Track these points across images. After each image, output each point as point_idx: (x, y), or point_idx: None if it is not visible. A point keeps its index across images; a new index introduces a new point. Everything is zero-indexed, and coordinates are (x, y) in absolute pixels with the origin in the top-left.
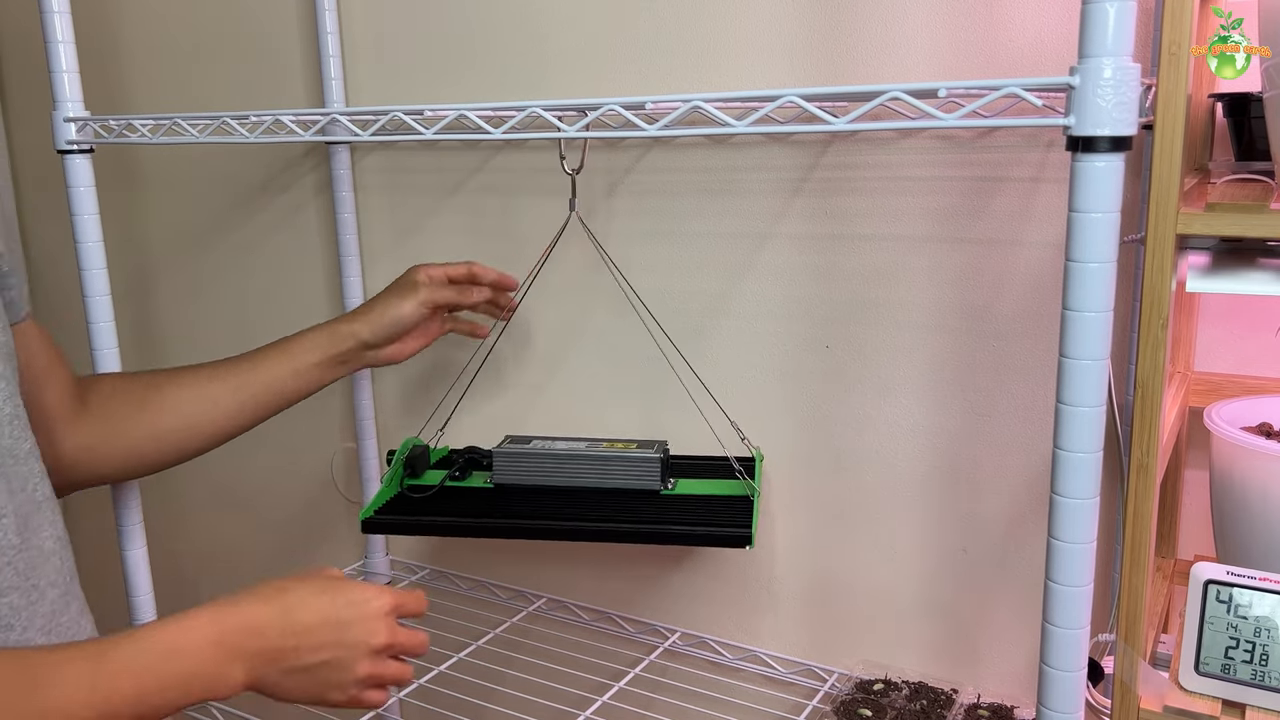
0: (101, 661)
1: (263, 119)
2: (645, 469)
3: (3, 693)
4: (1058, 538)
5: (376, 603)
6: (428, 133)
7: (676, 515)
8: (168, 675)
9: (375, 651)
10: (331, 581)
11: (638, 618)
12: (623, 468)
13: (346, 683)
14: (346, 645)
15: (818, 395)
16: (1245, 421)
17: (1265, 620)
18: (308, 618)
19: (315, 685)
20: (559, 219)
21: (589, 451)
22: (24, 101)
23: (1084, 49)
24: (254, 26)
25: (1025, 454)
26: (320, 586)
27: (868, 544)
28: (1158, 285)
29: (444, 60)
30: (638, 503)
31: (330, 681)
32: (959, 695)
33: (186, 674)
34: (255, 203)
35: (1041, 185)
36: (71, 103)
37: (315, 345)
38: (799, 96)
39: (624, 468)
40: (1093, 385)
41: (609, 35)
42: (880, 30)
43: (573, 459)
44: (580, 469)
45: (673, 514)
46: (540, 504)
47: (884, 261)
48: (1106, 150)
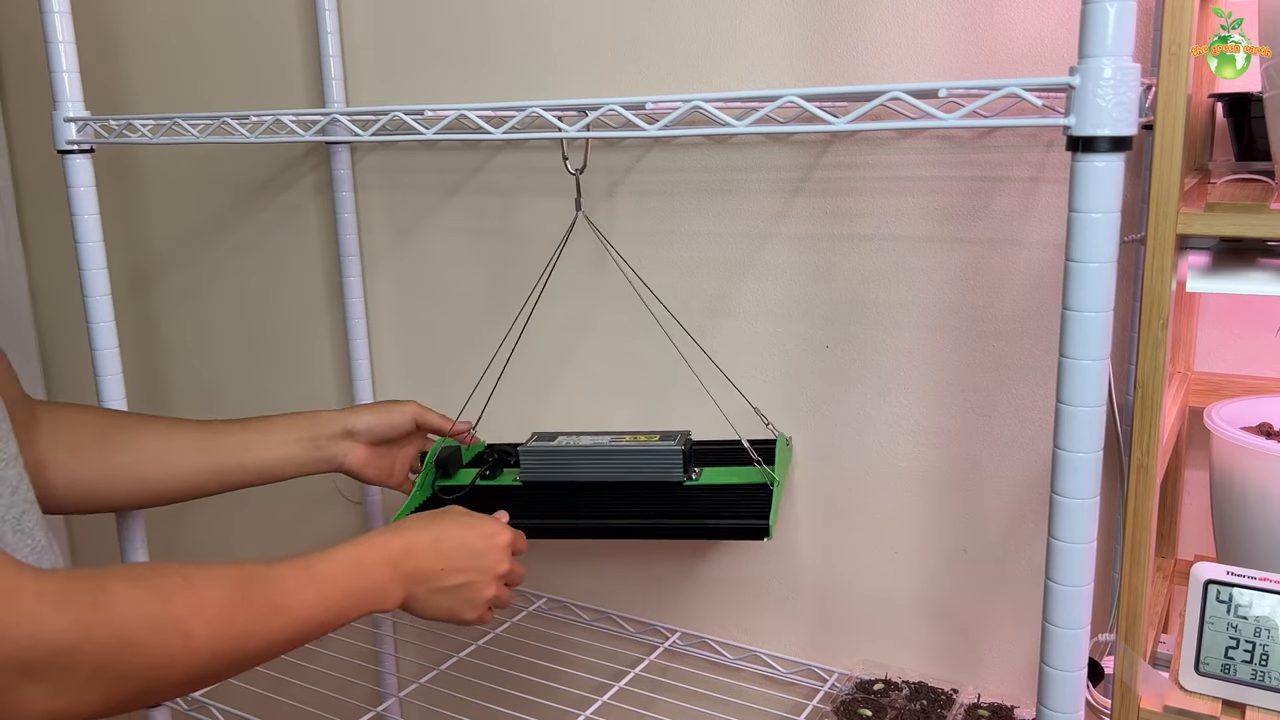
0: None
1: (263, 119)
2: (667, 461)
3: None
4: (1058, 538)
5: (501, 537)
6: (428, 133)
7: (696, 509)
8: (352, 587)
9: (499, 577)
10: (467, 515)
11: (638, 617)
12: (646, 461)
13: (478, 601)
14: (480, 570)
15: (818, 395)
16: (1245, 421)
17: (1265, 620)
18: (452, 544)
19: (454, 604)
20: (559, 219)
21: (612, 446)
22: (24, 101)
23: (1084, 49)
24: (254, 26)
25: (1025, 454)
26: (459, 520)
27: (868, 544)
28: (1158, 285)
29: (444, 60)
30: (660, 497)
31: (466, 600)
32: (959, 695)
33: (363, 588)
34: (255, 203)
35: (1042, 185)
36: (71, 103)
37: (295, 424)
38: (799, 96)
39: (647, 461)
40: (1093, 385)
41: (609, 35)
42: (880, 30)
43: (597, 454)
44: (605, 464)
45: (692, 508)
46: (566, 502)
47: (884, 261)
48: (1106, 150)
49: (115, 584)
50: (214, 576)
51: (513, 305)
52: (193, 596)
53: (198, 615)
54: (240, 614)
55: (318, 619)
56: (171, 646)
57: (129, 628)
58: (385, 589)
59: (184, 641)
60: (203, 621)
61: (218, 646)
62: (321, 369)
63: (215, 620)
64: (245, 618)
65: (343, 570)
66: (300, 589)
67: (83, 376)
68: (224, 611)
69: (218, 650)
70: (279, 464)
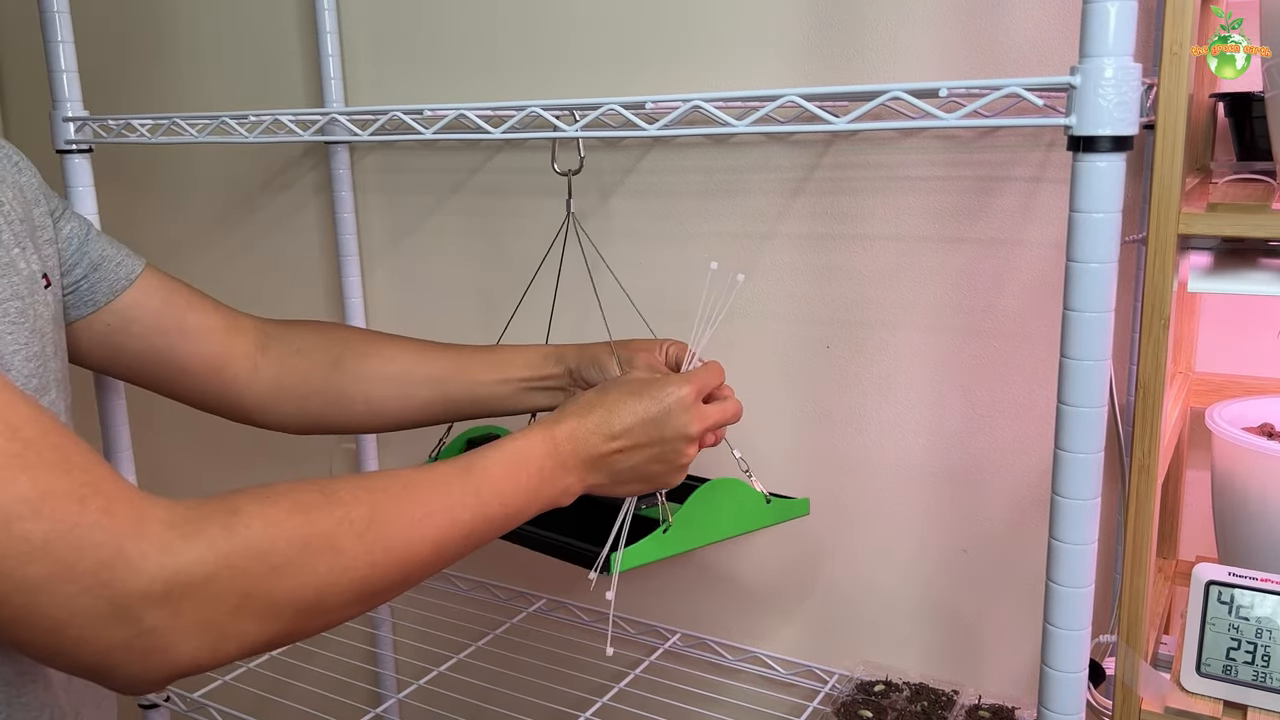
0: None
1: (262, 119)
2: None
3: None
4: (1059, 538)
5: (680, 394)
6: (427, 132)
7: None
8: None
9: (693, 438)
10: (639, 383)
11: (638, 618)
12: None
13: (676, 469)
14: (666, 441)
15: (818, 395)
16: (1247, 422)
17: (1267, 621)
18: (625, 421)
19: (648, 481)
20: (559, 219)
21: None
22: (23, 101)
23: (1085, 49)
24: (253, 26)
25: (1026, 454)
26: (631, 389)
27: (868, 545)
28: (1159, 285)
29: (443, 60)
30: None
31: (660, 474)
32: (960, 696)
33: (528, 484)
34: (254, 202)
35: (1042, 185)
36: (71, 102)
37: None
38: (800, 96)
39: None
40: (1094, 386)
41: (609, 35)
42: (881, 30)
43: None
44: None
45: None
46: None
47: (885, 261)
48: (1108, 150)
49: (248, 505)
50: (357, 487)
51: (512, 305)
52: (336, 509)
53: (345, 529)
54: (393, 524)
55: (481, 519)
56: (322, 565)
57: (270, 550)
58: (553, 481)
59: (335, 559)
60: (352, 535)
61: (374, 559)
62: None
63: (366, 533)
64: (399, 526)
65: (501, 468)
66: (456, 491)
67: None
68: (375, 523)
69: (375, 563)
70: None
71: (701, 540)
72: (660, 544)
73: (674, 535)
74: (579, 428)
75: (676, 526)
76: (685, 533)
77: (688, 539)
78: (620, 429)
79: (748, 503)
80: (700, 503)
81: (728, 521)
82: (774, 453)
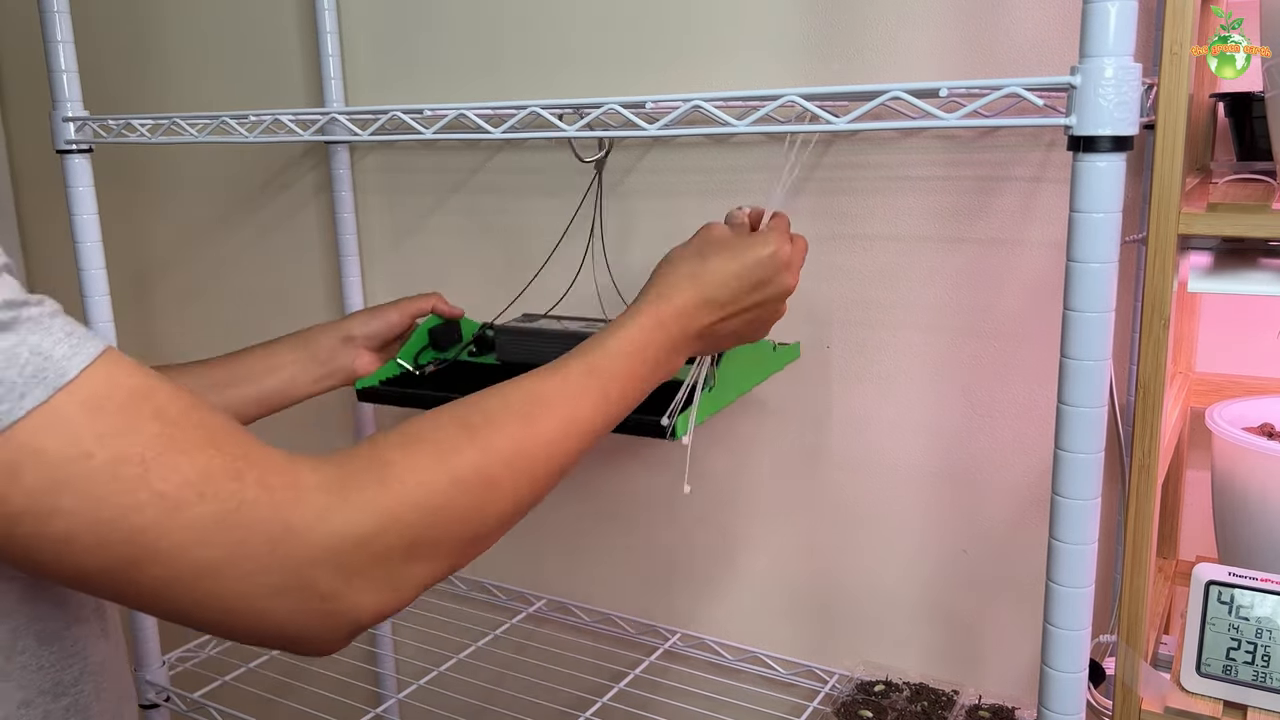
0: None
1: (262, 118)
2: None
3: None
4: (1059, 539)
5: (781, 252)
6: (427, 132)
7: None
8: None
9: (790, 292)
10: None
11: (638, 619)
12: None
13: (770, 324)
14: (769, 302)
15: (819, 395)
16: (1247, 422)
17: (1267, 621)
18: (731, 288)
19: (747, 335)
20: (559, 218)
21: (585, 330)
22: (23, 101)
23: (1085, 48)
24: (253, 26)
25: (1026, 455)
26: (725, 253)
27: (868, 545)
28: (1159, 285)
29: (443, 60)
30: None
31: (755, 331)
32: (960, 696)
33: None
34: (254, 203)
35: (1043, 185)
36: (71, 102)
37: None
38: (800, 96)
39: None
40: (1094, 386)
41: (609, 35)
42: (881, 30)
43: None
44: None
45: None
46: None
47: (885, 261)
48: (1108, 150)
49: (393, 454)
50: (493, 412)
51: (512, 305)
52: (478, 443)
53: (492, 460)
54: (535, 444)
55: (608, 420)
56: (479, 499)
57: (428, 498)
58: (666, 365)
59: (488, 491)
60: (501, 463)
61: (522, 480)
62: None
63: (514, 459)
64: (542, 443)
65: (624, 364)
66: (586, 399)
67: None
68: (519, 445)
69: (520, 484)
70: (288, 387)
71: (733, 395)
72: (709, 402)
73: (717, 393)
74: (686, 304)
75: (718, 384)
76: (722, 390)
77: (725, 395)
78: (727, 297)
79: (761, 352)
80: (731, 359)
81: (749, 373)
82: (774, 452)
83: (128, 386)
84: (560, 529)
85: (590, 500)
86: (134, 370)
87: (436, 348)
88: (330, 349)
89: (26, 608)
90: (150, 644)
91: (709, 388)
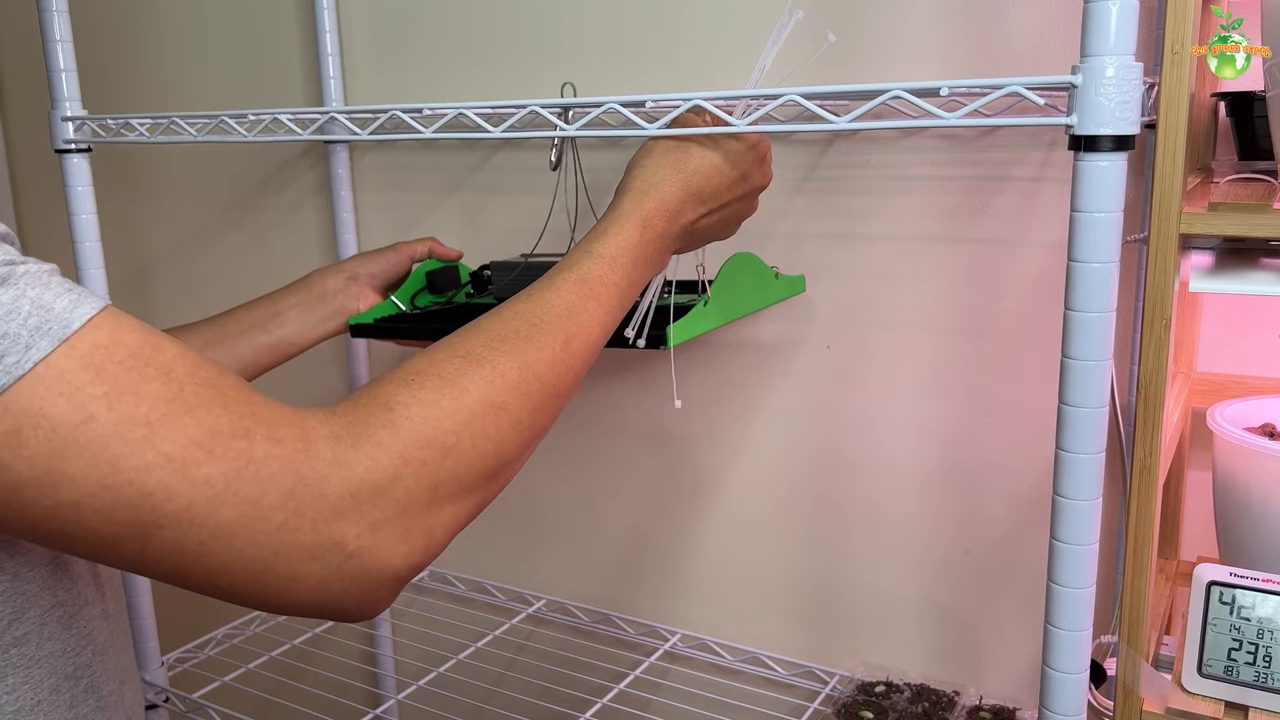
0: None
1: (261, 118)
2: None
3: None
4: (1060, 539)
5: (761, 145)
6: (426, 131)
7: None
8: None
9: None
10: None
11: (638, 619)
12: None
13: (744, 218)
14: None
15: (818, 395)
16: (1248, 422)
17: (1268, 622)
18: (714, 183)
19: (721, 233)
20: (558, 218)
21: None
22: (22, 101)
23: (1086, 48)
24: (252, 25)
25: (1027, 455)
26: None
27: (869, 545)
28: (1160, 285)
29: (443, 59)
30: None
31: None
32: (961, 697)
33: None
34: (254, 202)
35: (1044, 185)
36: (69, 102)
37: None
38: (800, 95)
39: None
40: (1095, 386)
41: (609, 35)
42: (882, 29)
43: None
44: None
45: None
46: None
47: (885, 261)
48: (1109, 149)
49: (399, 395)
50: (492, 337)
51: None
52: (485, 368)
53: (499, 386)
54: (540, 364)
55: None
56: (493, 429)
57: (438, 433)
58: (654, 264)
59: (500, 418)
60: (509, 388)
61: (534, 404)
62: (321, 367)
63: (521, 383)
64: (546, 364)
65: (616, 271)
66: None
67: None
68: (524, 370)
69: (536, 407)
70: (295, 332)
71: (731, 314)
72: (703, 318)
73: (712, 309)
74: (671, 198)
75: (713, 300)
76: (718, 307)
77: (722, 313)
78: (710, 192)
79: (763, 277)
80: (728, 276)
81: (750, 295)
82: (774, 452)
83: (130, 344)
84: (560, 529)
85: (590, 501)
86: (137, 327)
87: (434, 291)
88: (334, 288)
89: (49, 594)
90: (150, 644)
91: (704, 302)
